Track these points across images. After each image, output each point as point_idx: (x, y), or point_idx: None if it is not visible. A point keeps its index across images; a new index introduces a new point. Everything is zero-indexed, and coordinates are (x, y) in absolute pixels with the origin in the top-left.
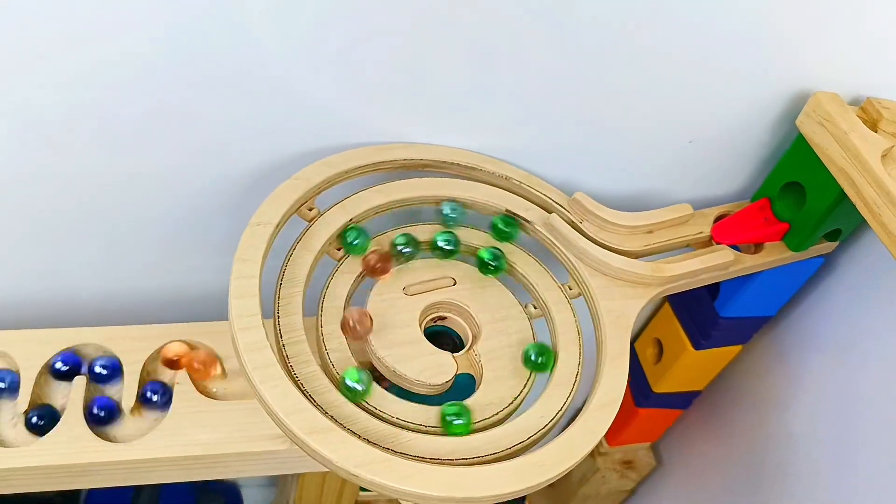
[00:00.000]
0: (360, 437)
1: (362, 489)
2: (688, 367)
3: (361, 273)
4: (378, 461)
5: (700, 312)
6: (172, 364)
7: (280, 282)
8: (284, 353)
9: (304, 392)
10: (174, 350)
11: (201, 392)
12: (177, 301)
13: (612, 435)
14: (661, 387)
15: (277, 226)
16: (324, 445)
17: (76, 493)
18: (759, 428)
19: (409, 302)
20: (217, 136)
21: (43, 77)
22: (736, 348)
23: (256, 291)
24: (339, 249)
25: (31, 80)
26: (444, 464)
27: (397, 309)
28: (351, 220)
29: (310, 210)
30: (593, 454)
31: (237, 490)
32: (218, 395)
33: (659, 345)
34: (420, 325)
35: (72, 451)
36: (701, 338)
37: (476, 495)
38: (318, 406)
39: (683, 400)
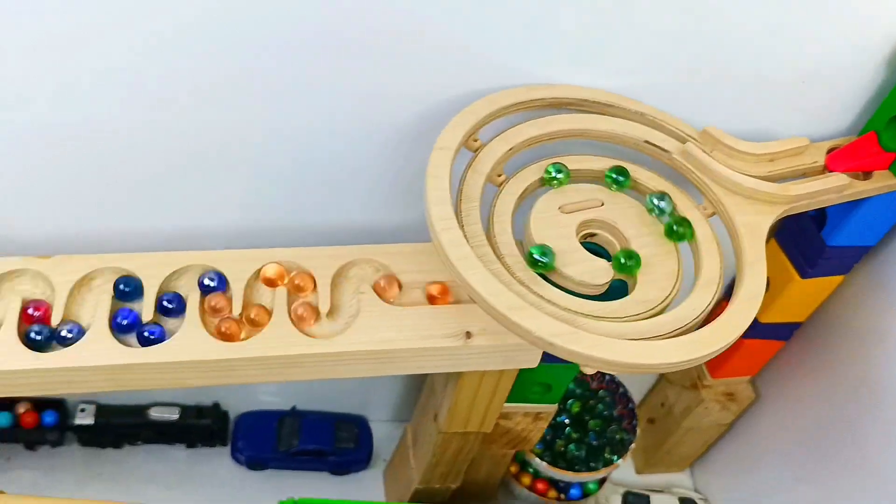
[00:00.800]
0: None
1: (507, 401)
2: (793, 297)
3: (521, 194)
4: (569, 333)
5: (806, 242)
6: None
7: (459, 198)
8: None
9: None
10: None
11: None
12: (348, 233)
13: (716, 367)
14: (766, 317)
15: (455, 151)
16: (524, 320)
17: (225, 420)
18: (857, 360)
19: (566, 218)
20: (381, 83)
21: (206, 37)
22: (838, 278)
23: (449, 200)
24: (499, 175)
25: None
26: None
27: (556, 224)
28: (511, 148)
29: (475, 141)
30: (697, 386)
31: (367, 423)
32: (396, 304)
33: None
34: (576, 238)
35: (286, 345)
36: (807, 266)
37: (653, 362)
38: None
39: (786, 331)
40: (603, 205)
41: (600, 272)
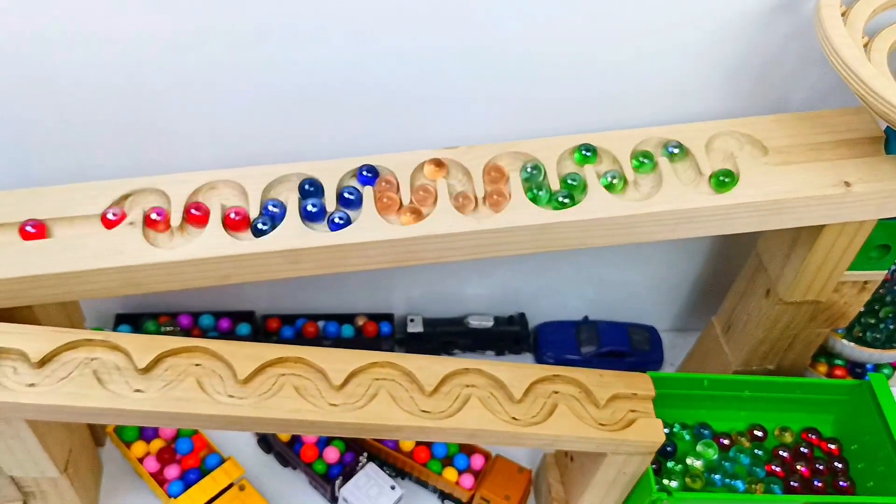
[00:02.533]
0: None
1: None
2: None
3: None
4: None
5: None
6: None
7: None
8: None
9: None
10: None
11: None
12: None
13: None
14: None
15: (839, 10)
16: None
17: (527, 329)
18: None
19: None
20: None
21: None
22: None
23: (853, 44)
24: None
25: None
26: None
27: None
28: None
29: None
30: None
31: (656, 330)
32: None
33: None
34: None
35: (685, 201)
36: None
37: None
38: None
39: None
40: None
41: None
